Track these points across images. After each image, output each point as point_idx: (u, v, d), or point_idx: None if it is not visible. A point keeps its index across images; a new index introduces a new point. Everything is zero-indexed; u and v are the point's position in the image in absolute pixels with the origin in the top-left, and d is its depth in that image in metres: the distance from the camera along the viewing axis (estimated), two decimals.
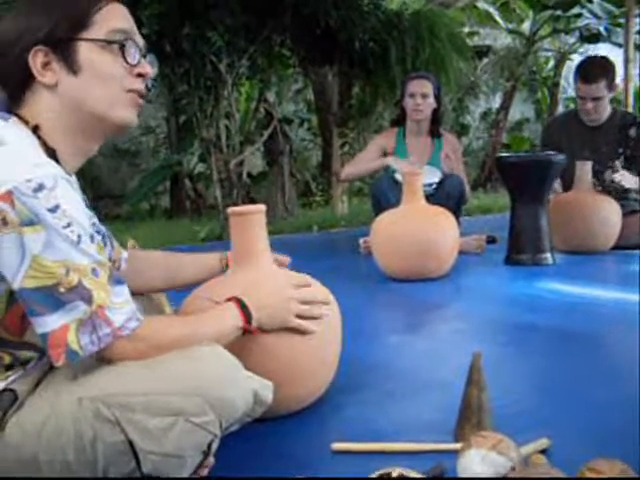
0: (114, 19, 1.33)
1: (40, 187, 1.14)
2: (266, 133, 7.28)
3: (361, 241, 4.37)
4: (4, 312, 1.22)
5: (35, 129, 1.27)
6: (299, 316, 1.62)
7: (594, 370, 2.08)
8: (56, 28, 1.27)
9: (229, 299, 1.49)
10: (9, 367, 1.25)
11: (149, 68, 1.39)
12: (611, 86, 4.17)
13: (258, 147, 7.76)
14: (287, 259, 1.90)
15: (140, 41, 1.38)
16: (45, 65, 1.28)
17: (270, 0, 5.78)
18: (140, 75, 1.37)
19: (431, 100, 4.46)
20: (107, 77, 1.32)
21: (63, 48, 1.28)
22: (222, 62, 5.81)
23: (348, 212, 7.46)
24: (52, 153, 1.26)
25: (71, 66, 1.29)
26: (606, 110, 4.27)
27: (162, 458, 1.19)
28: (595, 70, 4.16)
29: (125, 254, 1.74)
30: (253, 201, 7.61)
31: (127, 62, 1.34)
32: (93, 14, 1.30)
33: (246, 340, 1.50)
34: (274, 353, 1.61)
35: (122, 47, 1.33)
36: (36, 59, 1.27)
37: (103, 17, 1.31)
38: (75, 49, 1.29)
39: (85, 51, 1.29)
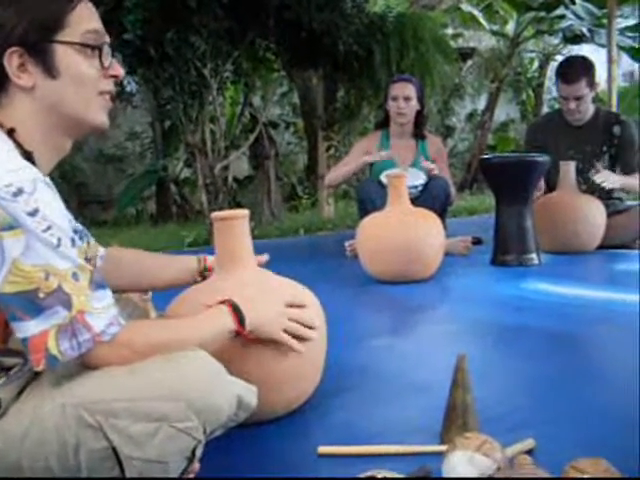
0: (87, 19, 1.33)
1: (19, 191, 1.14)
2: (251, 137, 7.28)
3: (347, 244, 4.37)
4: None
5: (10, 132, 1.26)
6: (287, 332, 1.61)
7: (579, 370, 2.09)
8: (31, 30, 1.25)
9: (221, 301, 1.48)
10: None
11: (120, 70, 1.39)
12: (592, 84, 4.19)
13: (244, 151, 7.75)
14: (264, 258, 1.89)
15: (108, 40, 1.38)
16: (20, 66, 1.26)
17: (253, 4, 5.78)
18: (112, 76, 1.37)
19: (414, 103, 4.48)
20: (84, 80, 1.31)
21: (39, 50, 1.27)
22: (206, 67, 5.80)
23: (334, 215, 7.47)
24: (28, 156, 1.25)
25: (49, 69, 1.28)
26: (589, 109, 4.29)
27: (146, 464, 1.19)
28: (575, 70, 4.20)
29: (102, 251, 1.71)
30: (239, 205, 7.61)
31: (102, 65, 1.34)
32: (67, 15, 1.29)
33: (231, 345, 1.49)
34: (259, 358, 1.60)
35: (99, 50, 1.33)
36: (11, 61, 1.25)
37: (76, 17, 1.30)
38: (52, 52, 1.28)
39: (62, 54, 1.29)
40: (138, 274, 1.80)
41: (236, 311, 1.46)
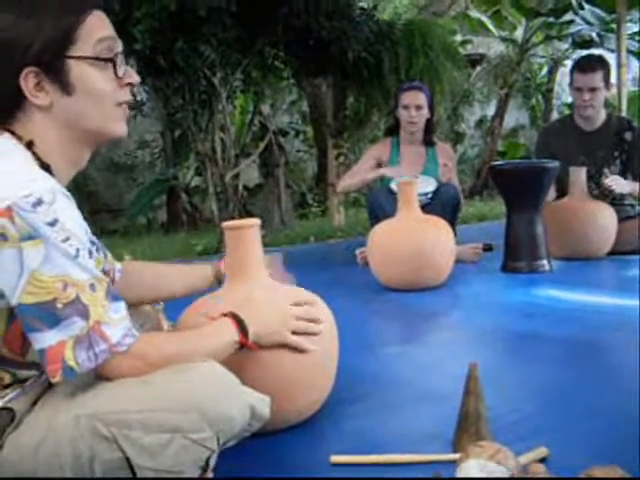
0: (97, 30, 1.32)
1: (39, 202, 1.15)
2: (261, 145, 7.28)
3: (358, 252, 4.37)
4: (4, 330, 1.22)
5: (29, 145, 1.26)
6: (297, 333, 1.62)
7: (592, 377, 2.08)
8: (44, 49, 1.25)
9: (225, 314, 1.49)
10: (8, 385, 1.25)
11: (136, 76, 1.39)
12: (607, 82, 4.19)
13: (254, 159, 7.76)
14: (279, 256, 1.90)
15: (121, 46, 1.37)
16: (36, 85, 1.26)
17: (262, 13, 5.79)
18: (128, 84, 1.38)
19: (425, 111, 4.48)
20: (100, 94, 1.32)
21: (54, 69, 1.27)
22: (216, 76, 5.81)
23: (345, 223, 7.46)
24: (46, 168, 1.26)
25: (64, 87, 1.28)
26: (601, 112, 4.28)
27: (160, 474, 1.19)
28: (592, 62, 4.24)
29: (118, 265, 1.73)
30: (250, 213, 7.61)
31: (117, 75, 1.34)
32: (77, 29, 1.28)
33: (243, 355, 1.50)
34: (271, 368, 1.61)
35: (112, 61, 1.33)
36: (28, 81, 1.25)
37: (87, 30, 1.30)
38: (66, 68, 1.28)
39: (76, 70, 1.29)
40: (158, 285, 1.83)
41: (239, 323, 1.47)
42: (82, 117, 1.31)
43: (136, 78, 1.39)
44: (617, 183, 4.03)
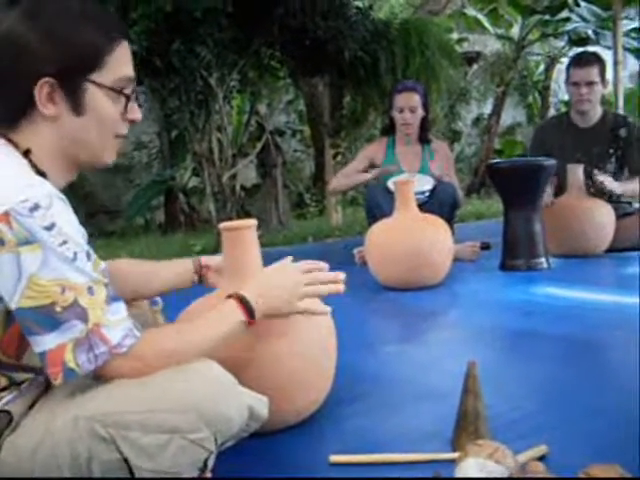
0: (124, 64, 1.34)
1: (36, 206, 1.15)
2: (258, 145, 7.29)
3: (355, 251, 4.37)
4: (1, 334, 1.22)
5: (26, 153, 1.27)
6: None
7: (591, 375, 2.08)
8: (69, 65, 1.26)
9: (229, 296, 1.46)
10: (4, 388, 1.25)
11: (139, 114, 1.40)
12: (603, 77, 4.20)
13: (251, 160, 7.76)
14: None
15: (134, 83, 1.39)
16: (48, 96, 1.26)
17: (258, 13, 5.79)
18: (130, 120, 1.39)
19: (419, 112, 4.48)
20: (106, 122, 1.33)
21: (72, 86, 1.28)
22: (212, 76, 5.81)
23: (342, 222, 7.47)
24: (42, 176, 1.25)
25: (76, 106, 1.29)
26: (597, 108, 4.29)
27: (158, 475, 1.19)
28: (588, 56, 4.30)
29: (103, 265, 1.72)
30: (247, 214, 7.61)
31: (125, 111, 1.35)
32: (106, 56, 1.30)
33: (240, 355, 1.50)
34: (270, 368, 1.61)
35: (127, 98, 1.34)
36: (42, 90, 1.25)
37: (114, 60, 1.31)
38: (83, 90, 1.28)
39: (92, 94, 1.29)
40: (136, 283, 1.81)
41: (244, 303, 1.45)
42: (83, 139, 1.32)
43: (138, 115, 1.40)
44: (611, 182, 4.04)
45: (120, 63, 1.33)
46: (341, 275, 1.68)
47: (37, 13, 1.26)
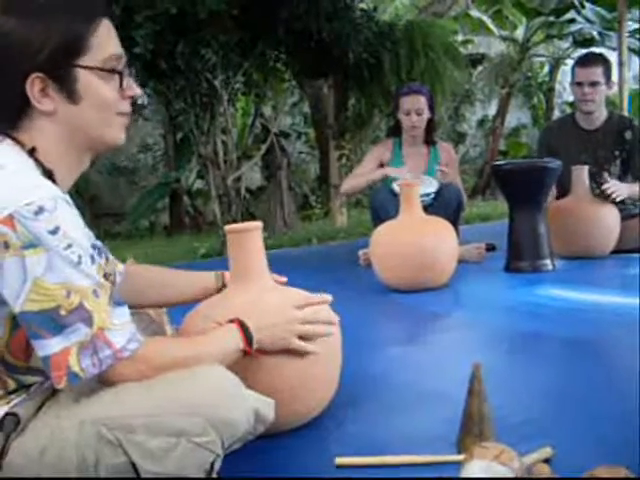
0: (109, 43, 1.32)
1: (41, 209, 1.14)
2: (263, 148, 7.29)
3: (360, 253, 4.37)
4: (8, 336, 1.22)
5: (32, 151, 1.26)
6: (302, 337, 1.62)
7: (596, 377, 2.08)
8: (54, 56, 1.24)
9: (231, 320, 1.49)
10: (13, 391, 1.26)
11: (137, 89, 1.39)
12: (608, 78, 4.19)
13: (256, 162, 7.77)
14: (284, 279, 1.89)
15: (125, 60, 1.37)
16: (41, 91, 1.26)
17: (263, 16, 5.80)
18: (129, 97, 1.38)
19: (426, 114, 4.48)
20: (104, 104, 1.32)
21: (61, 76, 1.26)
22: (217, 78, 5.82)
23: (347, 224, 7.47)
24: (49, 174, 1.26)
25: (71, 95, 1.28)
26: (602, 109, 4.28)
27: (165, 478, 1.20)
28: (593, 57, 4.29)
29: (121, 267, 1.72)
30: (252, 216, 7.62)
31: (121, 88, 1.34)
32: (89, 39, 1.28)
33: (247, 358, 1.50)
34: (275, 371, 1.61)
35: (120, 74, 1.33)
36: (34, 87, 1.25)
37: (98, 41, 1.29)
38: (74, 77, 1.27)
39: (84, 79, 1.28)
40: (161, 292, 1.82)
41: (244, 329, 1.47)
42: (85, 125, 1.31)
43: (137, 91, 1.39)
44: (617, 189, 4.01)
45: (105, 42, 1.31)
46: (333, 321, 1.73)
47: (11, 10, 1.24)
